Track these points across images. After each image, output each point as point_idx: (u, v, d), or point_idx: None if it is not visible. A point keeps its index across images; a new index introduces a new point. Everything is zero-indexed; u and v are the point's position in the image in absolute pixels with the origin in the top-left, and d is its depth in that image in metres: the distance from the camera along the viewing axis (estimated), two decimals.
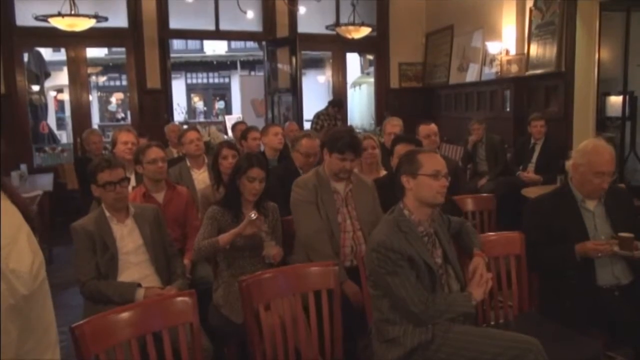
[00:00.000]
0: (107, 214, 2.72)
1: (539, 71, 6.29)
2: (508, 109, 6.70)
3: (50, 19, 5.89)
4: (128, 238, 2.73)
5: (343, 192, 2.92)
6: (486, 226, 3.54)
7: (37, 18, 6.02)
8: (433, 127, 4.33)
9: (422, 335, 2.11)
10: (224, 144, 3.76)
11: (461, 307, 2.16)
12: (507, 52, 6.69)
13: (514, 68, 6.57)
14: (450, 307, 2.14)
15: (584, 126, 5.97)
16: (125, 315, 1.81)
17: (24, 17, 6.60)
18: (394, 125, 4.82)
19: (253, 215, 2.65)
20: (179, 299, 1.96)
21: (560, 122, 5.96)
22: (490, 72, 6.99)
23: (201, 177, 4.14)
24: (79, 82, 7.42)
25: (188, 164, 4.21)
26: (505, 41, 6.72)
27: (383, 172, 3.86)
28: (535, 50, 6.36)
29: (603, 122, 7.19)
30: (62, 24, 5.93)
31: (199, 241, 2.72)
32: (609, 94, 7.28)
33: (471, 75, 7.45)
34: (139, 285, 2.62)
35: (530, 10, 6.43)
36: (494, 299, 2.58)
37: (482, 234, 2.69)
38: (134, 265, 2.73)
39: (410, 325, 2.13)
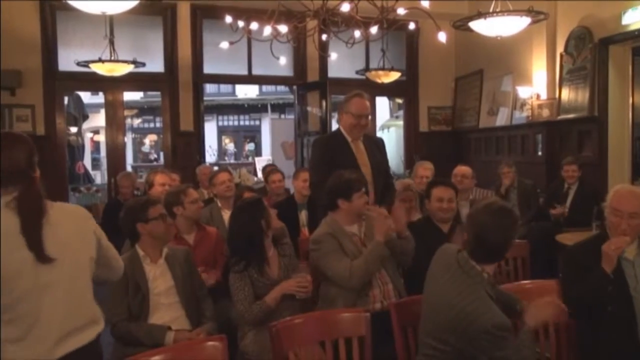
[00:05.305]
0: (142, 253, 2.76)
1: (571, 115, 6.23)
2: (540, 153, 6.64)
3: (91, 65, 6.15)
4: (160, 279, 2.75)
5: (359, 232, 2.92)
6: (520, 273, 3.46)
7: (78, 64, 6.29)
8: (468, 169, 4.55)
9: None
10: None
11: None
12: (538, 97, 6.66)
13: (546, 112, 6.53)
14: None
15: (619, 170, 5.89)
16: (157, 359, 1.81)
17: (66, 62, 6.87)
18: (426, 168, 4.90)
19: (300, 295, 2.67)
20: (210, 343, 1.96)
21: (595, 166, 5.86)
22: (521, 116, 6.96)
23: None
24: (115, 125, 7.63)
25: (219, 204, 4.26)
26: (535, 86, 6.70)
27: (417, 216, 3.84)
28: (567, 94, 6.32)
29: (639, 167, 7.03)
30: (102, 69, 6.18)
31: (246, 308, 2.62)
32: None
33: (501, 119, 7.42)
34: (169, 328, 2.62)
35: (561, 56, 6.43)
36: None
37: (517, 282, 2.62)
38: (165, 306, 2.74)
39: None
